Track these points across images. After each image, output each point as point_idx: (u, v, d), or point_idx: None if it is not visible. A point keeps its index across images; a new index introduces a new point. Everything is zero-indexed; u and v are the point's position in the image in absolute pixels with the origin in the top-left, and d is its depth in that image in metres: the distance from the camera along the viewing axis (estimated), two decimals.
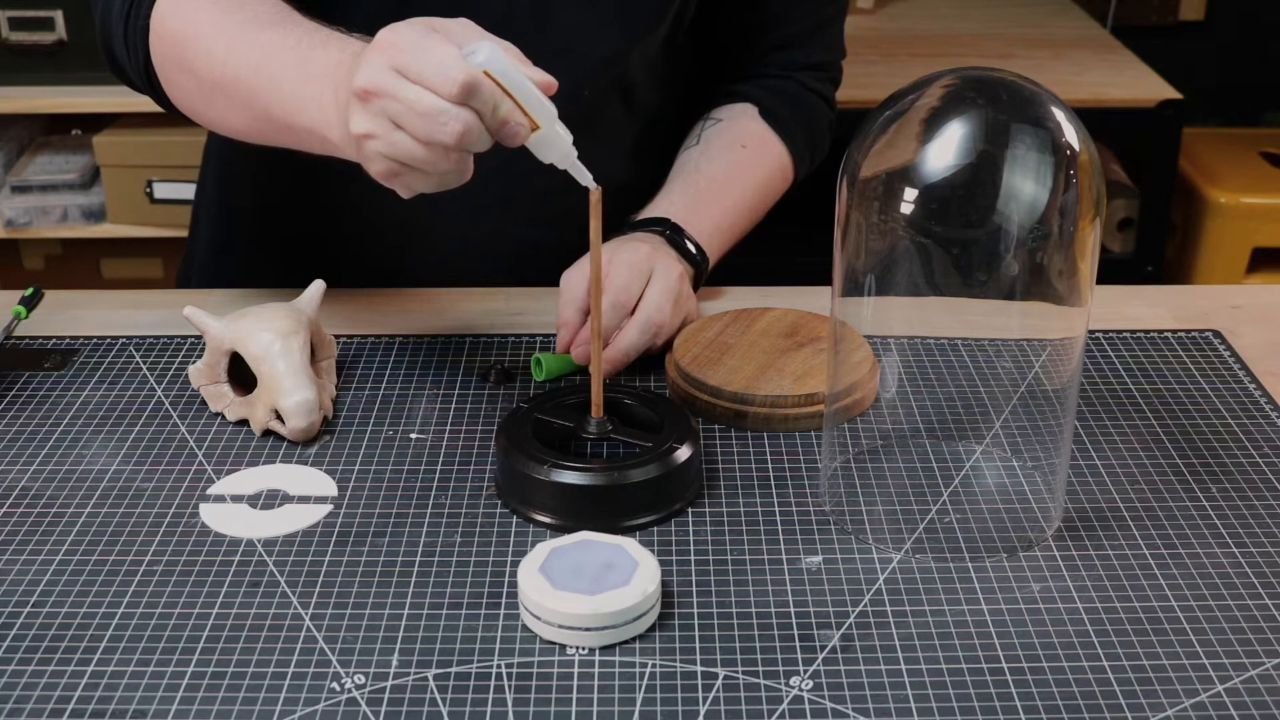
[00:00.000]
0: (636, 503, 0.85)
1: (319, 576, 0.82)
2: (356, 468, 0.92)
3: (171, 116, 1.08)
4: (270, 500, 0.89)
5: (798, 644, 0.76)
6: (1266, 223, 2.44)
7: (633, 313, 1.02)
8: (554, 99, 0.83)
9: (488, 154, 0.85)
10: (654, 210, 1.12)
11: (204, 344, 0.99)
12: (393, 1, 1.01)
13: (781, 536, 0.85)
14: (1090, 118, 0.87)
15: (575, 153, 0.85)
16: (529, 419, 0.90)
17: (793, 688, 0.73)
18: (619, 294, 1.01)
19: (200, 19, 0.95)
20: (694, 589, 0.80)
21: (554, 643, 0.76)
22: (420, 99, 0.79)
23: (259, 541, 0.85)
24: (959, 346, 1.04)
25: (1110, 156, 2.49)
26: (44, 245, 2.51)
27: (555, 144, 0.84)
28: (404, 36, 0.80)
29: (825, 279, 0.90)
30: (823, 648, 0.76)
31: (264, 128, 0.94)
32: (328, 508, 0.88)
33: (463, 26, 0.82)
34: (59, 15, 2.22)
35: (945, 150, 0.79)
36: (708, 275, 1.13)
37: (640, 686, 0.73)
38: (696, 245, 1.10)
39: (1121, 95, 2.22)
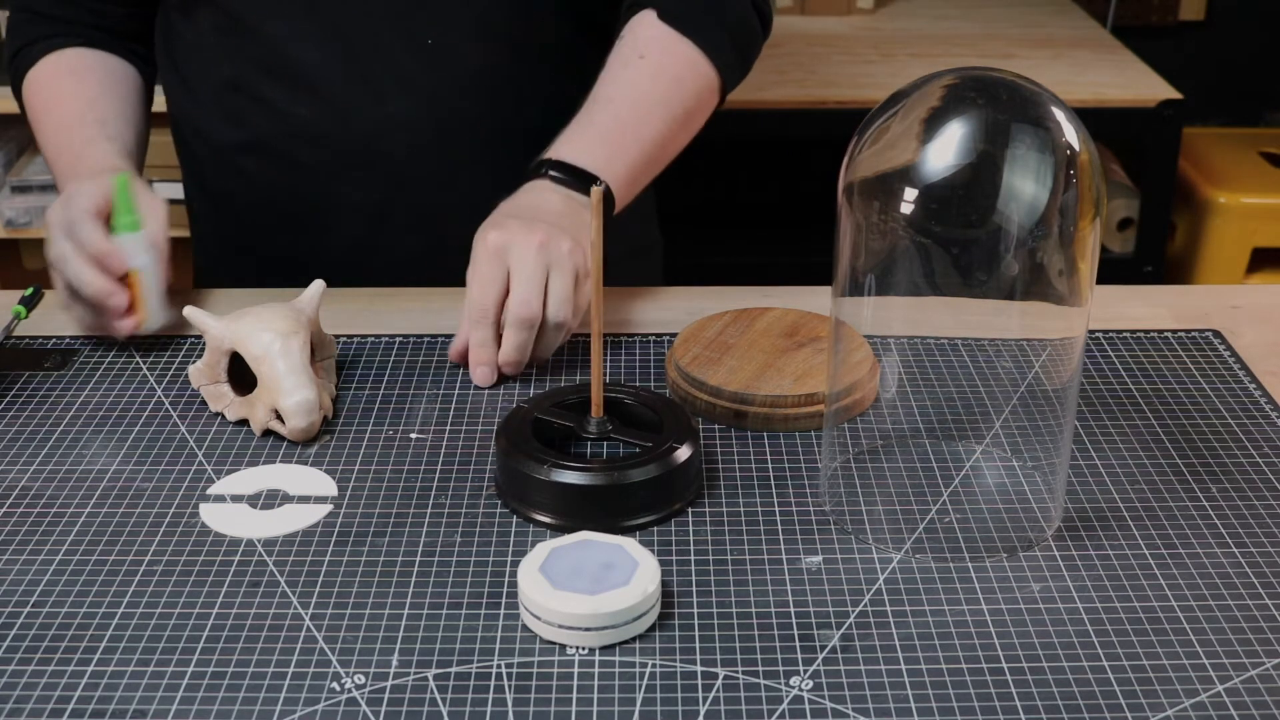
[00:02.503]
0: (636, 503, 0.85)
1: (319, 576, 0.82)
2: (356, 468, 0.92)
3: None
4: (270, 500, 0.89)
5: (798, 644, 0.76)
6: (1266, 223, 2.44)
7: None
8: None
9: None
10: (565, 152, 1.08)
11: (204, 344, 0.99)
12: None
13: (781, 536, 0.85)
14: (1090, 118, 0.87)
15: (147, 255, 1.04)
16: (529, 419, 0.90)
17: (793, 688, 0.73)
18: (521, 307, 0.99)
19: (38, 111, 1.21)
20: (694, 589, 0.80)
21: (554, 643, 0.76)
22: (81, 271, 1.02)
23: (259, 541, 0.85)
24: (959, 346, 1.04)
25: (1110, 156, 2.49)
26: (44, 245, 2.51)
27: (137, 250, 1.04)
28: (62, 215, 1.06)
29: (825, 279, 0.90)
30: (823, 648, 0.76)
31: None
32: (328, 508, 0.88)
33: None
34: None
35: (945, 150, 0.79)
36: (617, 203, 1.10)
37: (640, 686, 0.73)
38: (607, 190, 1.06)
39: (1121, 95, 2.23)
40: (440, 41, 1.15)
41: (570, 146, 1.08)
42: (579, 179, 1.06)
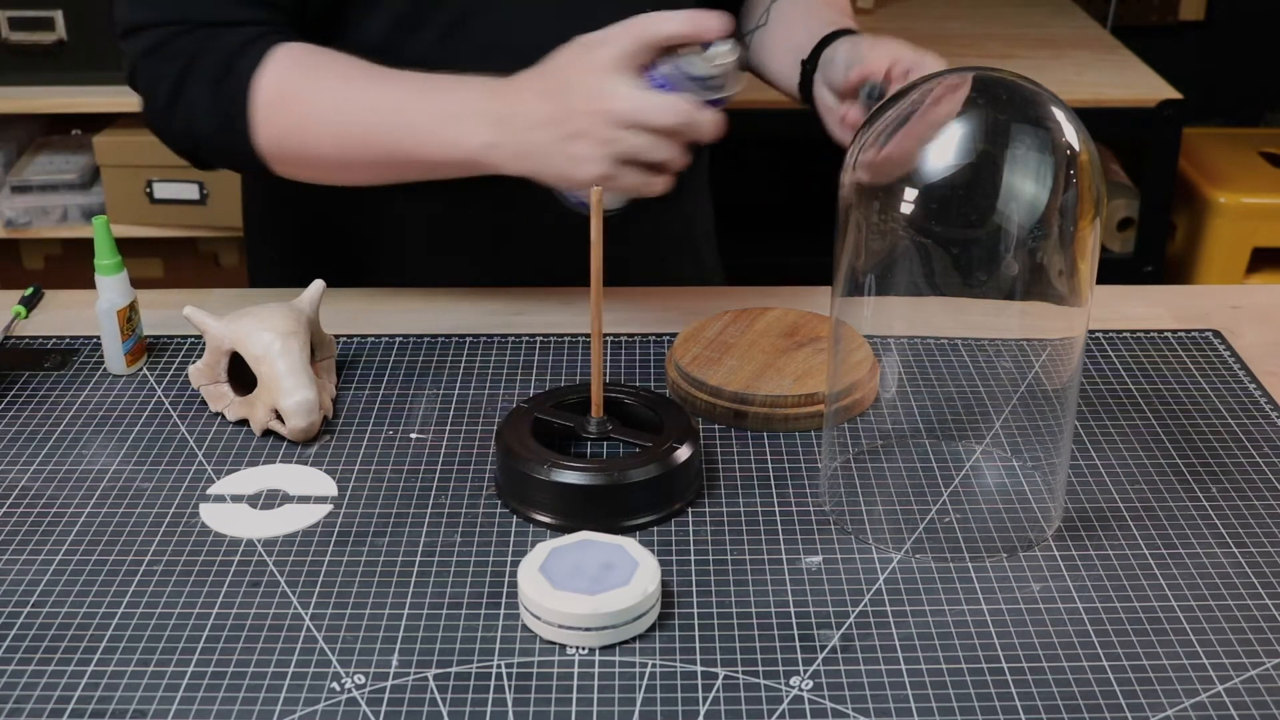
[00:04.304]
0: (636, 503, 0.85)
1: (319, 576, 0.82)
2: (356, 468, 0.92)
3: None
4: (270, 500, 0.89)
5: (798, 644, 0.76)
6: (1266, 223, 2.44)
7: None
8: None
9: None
10: (839, 25, 1.21)
11: (204, 344, 0.99)
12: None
13: (781, 536, 0.85)
14: (1090, 118, 0.87)
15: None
16: (529, 419, 0.90)
17: (793, 688, 0.73)
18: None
19: (310, 110, 1.04)
20: (694, 589, 0.80)
21: (554, 643, 0.76)
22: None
23: (259, 541, 0.85)
24: (959, 346, 1.04)
25: (1110, 156, 2.49)
26: (44, 245, 2.51)
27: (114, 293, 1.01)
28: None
29: (825, 279, 0.90)
30: (823, 648, 0.76)
31: (390, 174, 1.06)
32: (328, 508, 0.88)
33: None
34: (59, 15, 2.22)
35: (945, 150, 0.79)
36: None
37: (640, 686, 0.73)
38: None
39: (1121, 95, 2.22)
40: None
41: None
42: None
